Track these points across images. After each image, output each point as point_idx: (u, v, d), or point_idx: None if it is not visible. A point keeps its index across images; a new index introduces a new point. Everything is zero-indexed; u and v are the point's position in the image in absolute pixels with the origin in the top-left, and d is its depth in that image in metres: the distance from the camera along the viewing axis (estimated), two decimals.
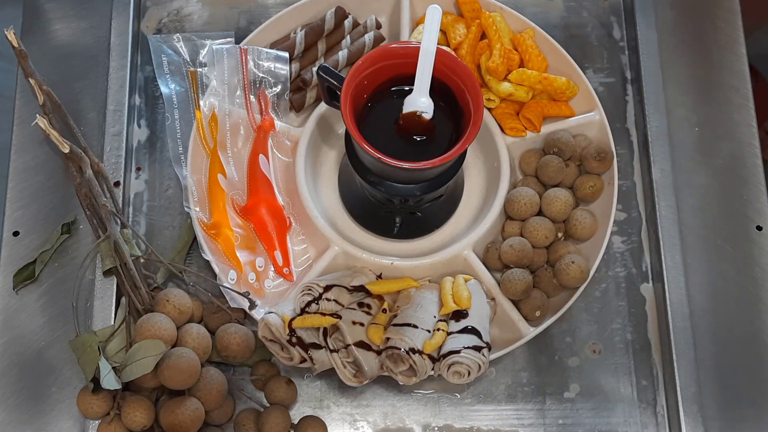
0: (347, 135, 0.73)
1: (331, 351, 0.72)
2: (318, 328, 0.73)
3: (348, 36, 0.85)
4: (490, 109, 0.83)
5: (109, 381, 0.70)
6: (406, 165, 0.67)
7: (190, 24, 0.91)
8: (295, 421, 0.75)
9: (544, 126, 0.83)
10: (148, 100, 0.88)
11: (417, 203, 0.76)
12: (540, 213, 0.80)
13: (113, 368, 0.71)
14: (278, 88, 0.83)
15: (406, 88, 0.71)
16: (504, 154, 0.81)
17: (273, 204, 0.81)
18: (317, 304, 0.73)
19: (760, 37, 0.94)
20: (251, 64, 0.82)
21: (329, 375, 0.76)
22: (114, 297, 0.77)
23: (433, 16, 0.68)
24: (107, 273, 0.77)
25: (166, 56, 0.86)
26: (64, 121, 0.82)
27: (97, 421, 0.73)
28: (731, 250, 0.82)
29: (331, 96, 0.74)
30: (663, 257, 0.80)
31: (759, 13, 0.91)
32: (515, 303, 0.78)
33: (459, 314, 0.74)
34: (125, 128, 0.84)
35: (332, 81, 0.71)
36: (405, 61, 0.70)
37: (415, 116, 0.70)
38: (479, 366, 0.72)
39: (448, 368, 0.72)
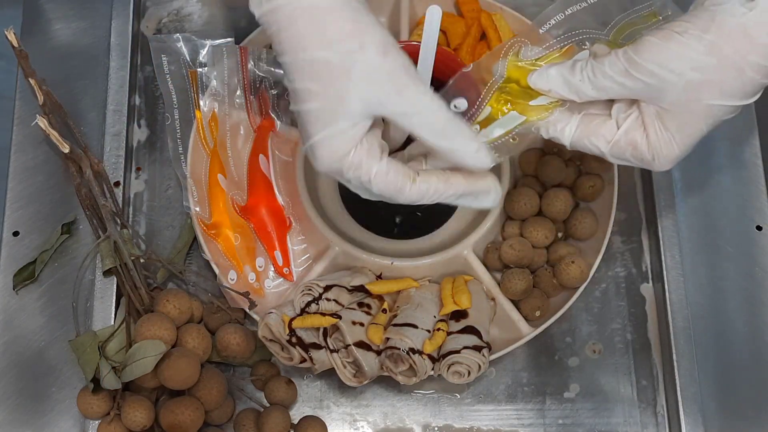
0: None
1: (331, 351, 0.72)
2: (318, 328, 0.73)
3: None
4: None
5: (109, 381, 0.70)
6: None
7: (190, 24, 0.91)
8: (295, 421, 0.75)
9: None
10: (148, 100, 0.88)
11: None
12: (540, 213, 0.80)
13: (113, 368, 0.71)
14: (278, 88, 0.83)
15: None
16: None
17: (273, 204, 0.81)
18: (317, 304, 0.73)
19: None
20: (251, 64, 0.82)
21: (329, 375, 0.76)
22: (114, 297, 0.77)
23: (433, 16, 0.68)
24: (107, 273, 0.77)
25: (166, 56, 0.86)
26: (63, 121, 0.82)
27: (97, 421, 0.73)
28: (731, 250, 0.82)
29: None
30: (663, 257, 0.80)
31: None
32: (515, 303, 0.78)
33: (459, 314, 0.74)
34: (125, 128, 0.84)
35: None
36: None
37: None
38: (479, 366, 0.72)
39: (448, 368, 0.72)
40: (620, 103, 0.61)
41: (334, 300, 0.74)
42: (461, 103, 0.63)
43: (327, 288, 0.74)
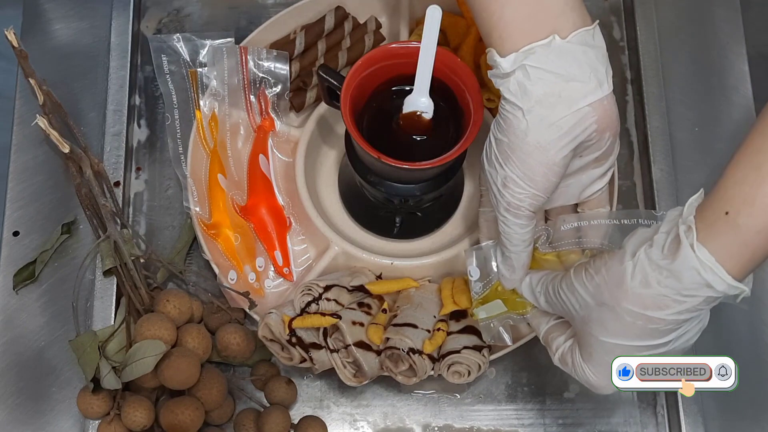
0: (347, 135, 0.73)
1: (331, 351, 0.72)
2: (318, 328, 0.73)
3: (348, 36, 0.85)
4: (490, 109, 0.82)
5: (109, 381, 0.70)
6: (406, 165, 0.67)
7: (190, 24, 0.91)
8: (295, 421, 0.75)
9: None
10: (148, 100, 0.88)
11: (417, 203, 0.76)
12: None
13: (113, 368, 0.71)
14: (278, 88, 0.83)
15: (407, 88, 0.71)
16: None
17: (273, 204, 0.81)
18: (317, 304, 0.73)
19: (761, 36, 0.94)
20: (251, 64, 0.82)
21: (329, 375, 0.76)
22: (114, 297, 0.77)
23: (433, 16, 0.68)
24: (107, 273, 0.77)
25: (166, 56, 0.86)
26: (63, 121, 0.82)
27: (97, 421, 0.73)
28: None
29: (331, 96, 0.74)
30: None
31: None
32: None
33: (459, 314, 0.74)
34: (125, 128, 0.84)
35: (332, 81, 0.71)
36: (405, 61, 0.70)
37: (415, 116, 0.70)
38: (479, 366, 0.72)
39: (448, 368, 0.72)
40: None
41: (334, 300, 0.74)
42: (475, 272, 0.70)
43: (327, 288, 0.74)
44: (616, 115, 0.61)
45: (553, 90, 0.58)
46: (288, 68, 0.83)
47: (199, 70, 0.85)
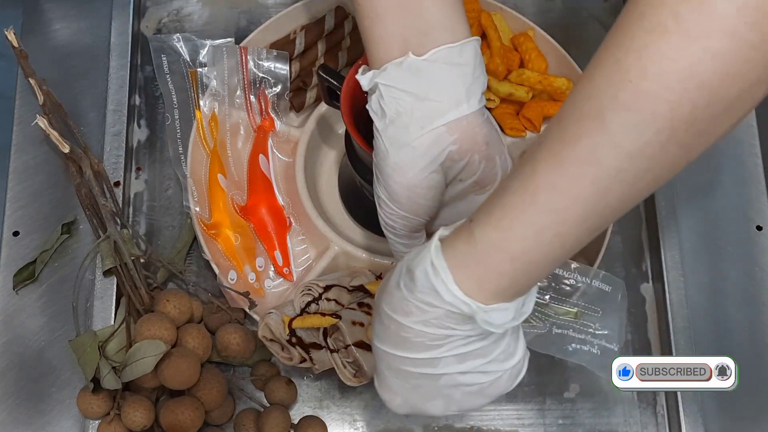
0: (347, 135, 0.73)
1: (331, 351, 0.72)
2: (318, 328, 0.73)
3: (348, 36, 0.85)
4: (490, 109, 0.82)
5: (109, 381, 0.70)
6: None
7: (190, 24, 0.91)
8: (295, 421, 0.76)
9: (544, 126, 0.83)
10: (148, 100, 0.88)
11: None
12: None
13: (113, 368, 0.71)
14: (278, 88, 0.83)
15: None
16: None
17: (273, 204, 0.81)
18: (317, 304, 0.73)
19: None
20: (251, 64, 0.82)
21: (329, 375, 0.76)
22: (114, 297, 0.77)
23: None
24: (107, 273, 0.77)
25: (166, 56, 0.86)
26: (63, 121, 0.82)
27: (97, 421, 0.73)
28: (731, 250, 0.82)
29: (331, 96, 0.74)
30: (663, 257, 0.80)
31: None
32: None
33: None
34: (125, 128, 0.84)
35: (332, 81, 0.71)
36: None
37: None
38: None
39: None
40: None
41: (334, 300, 0.74)
42: None
43: (327, 288, 0.74)
44: (483, 136, 0.57)
45: (406, 109, 0.56)
46: (288, 68, 0.83)
47: (199, 70, 0.85)
